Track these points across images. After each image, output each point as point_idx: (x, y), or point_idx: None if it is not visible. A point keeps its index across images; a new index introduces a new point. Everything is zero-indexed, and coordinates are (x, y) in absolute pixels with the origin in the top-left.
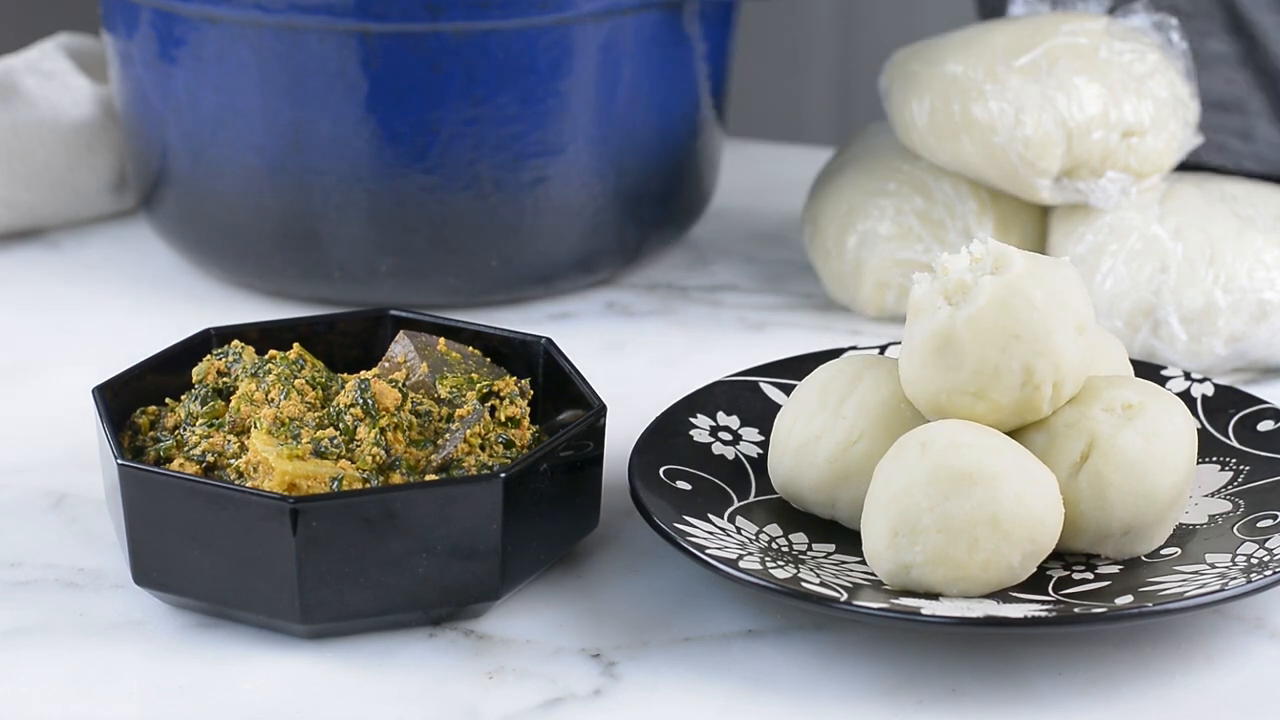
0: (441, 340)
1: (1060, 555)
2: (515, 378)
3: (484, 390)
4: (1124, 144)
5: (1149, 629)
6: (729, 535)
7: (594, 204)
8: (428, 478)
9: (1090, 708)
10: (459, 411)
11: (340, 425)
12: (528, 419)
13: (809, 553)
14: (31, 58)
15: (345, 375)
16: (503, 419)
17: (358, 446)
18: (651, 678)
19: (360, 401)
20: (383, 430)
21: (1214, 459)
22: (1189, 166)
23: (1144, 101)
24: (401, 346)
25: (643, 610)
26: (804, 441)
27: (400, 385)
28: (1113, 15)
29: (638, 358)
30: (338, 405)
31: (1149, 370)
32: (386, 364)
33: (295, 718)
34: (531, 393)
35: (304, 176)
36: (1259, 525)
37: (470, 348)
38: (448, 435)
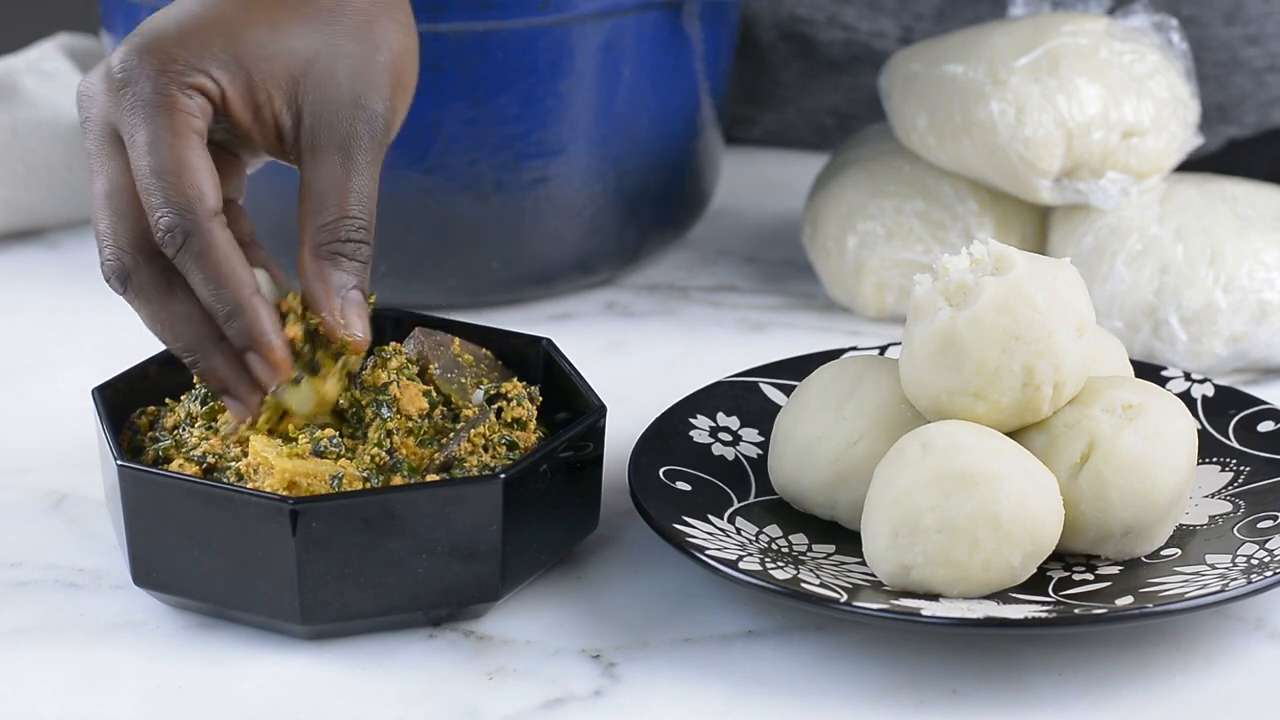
0: (456, 341)
1: (1060, 556)
2: (525, 383)
3: (491, 392)
4: (1124, 144)
5: (1149, 630)
6: (729, 536)
7: (594, 204)
8: (428, 478)
9: (1090, 708)
10: (465, 412)
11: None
12: (534, 421)
13: (809, 553)
14: (31, 58)
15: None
16: (509, 420)
17: (362, 444)
18: (651, 678)
19: (376, 402)
20: (389, 433)
21: (1214, 460)
22: (1189, 166)
23: (1144, 102)
24: (415, 343)
25: (643, 611)
26: (804, 442)
27: (429, 395)
28: (1113, 15)
29: (638, 358)
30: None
31: (1149, 371)
32: None
33: (295, 718)
34: (540, 399)
35: None
36: (1259, 526)
37: (484, 350)
38: (452, 435)
